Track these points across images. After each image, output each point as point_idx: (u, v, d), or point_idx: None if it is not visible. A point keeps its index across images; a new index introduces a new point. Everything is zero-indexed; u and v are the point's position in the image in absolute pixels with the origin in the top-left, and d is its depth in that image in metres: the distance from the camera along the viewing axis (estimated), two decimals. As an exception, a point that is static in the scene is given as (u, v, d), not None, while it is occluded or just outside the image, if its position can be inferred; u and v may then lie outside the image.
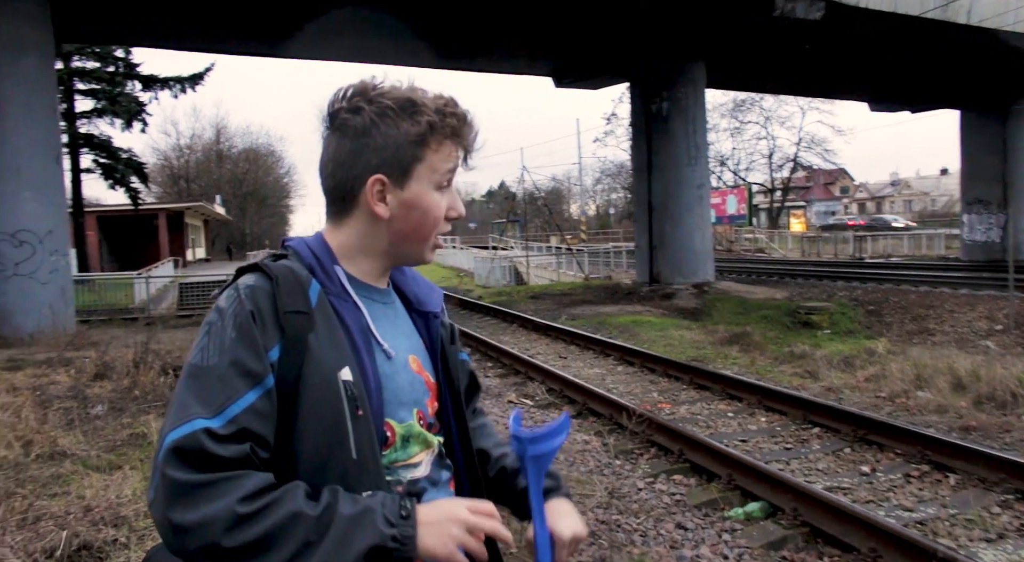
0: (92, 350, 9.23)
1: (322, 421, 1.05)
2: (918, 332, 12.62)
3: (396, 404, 1.15)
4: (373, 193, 1.15)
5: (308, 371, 1.05)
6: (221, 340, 1.03)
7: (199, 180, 60.64)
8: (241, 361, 1.01)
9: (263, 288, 1.08)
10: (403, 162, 1.14)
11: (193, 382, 1.01)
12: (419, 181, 1.15)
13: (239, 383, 1.00)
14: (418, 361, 1.23)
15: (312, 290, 1.11)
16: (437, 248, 1.24)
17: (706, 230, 18.53)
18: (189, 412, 0.98)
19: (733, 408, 7.45)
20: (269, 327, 1.05)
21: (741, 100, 50.94)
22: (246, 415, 0.99)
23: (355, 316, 1.14)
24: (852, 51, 18.44)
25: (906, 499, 4.85)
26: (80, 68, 25.88)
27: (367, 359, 1.12)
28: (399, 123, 1.13)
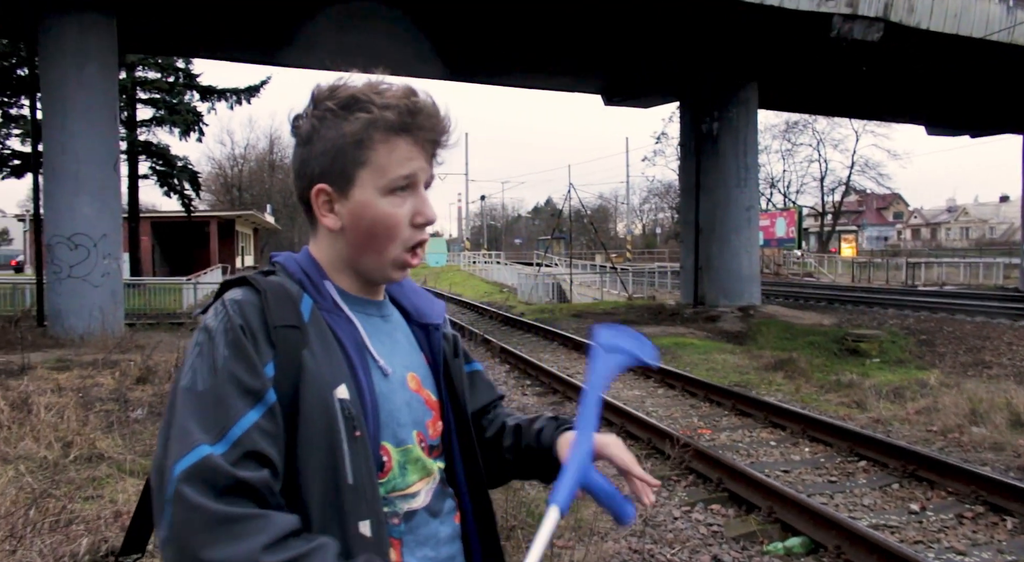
0: (137, 353, 9.40)
1: (318, 443, 0.97)
2: (973, 364, 12.16)
3: (393, 425, 1.06)
4: (319, 204, 1.07)
5: (304, 389, 0.97)
6: (213, 359, 0.95)
7: (251, 189, 61.99)
8: (238, 378, 0.93)
9: (251, 302, 1.00)
10: (344, 167, 1.04)
11: (188, 407, 0.92)
12: (363, 187, 1.04)
13: (239, 403, 0.92)
14: (417, 378, 1.13)
15: (304, 305, 1.04)
16: (406, 266, 1.10)
17: (753, 253, 18.22)
18: (192, 439, 0.89)
19: (776, 437, 7.23)
20: (261, 343, 0.97)
21: (793, 121, 50.32)
22: (250, 436, 0.91)
23: (349, 331, 1.06)
24: (910, 73, 18.01)
25: (958, 542, 4.61)
26: (142, 78, 26.66)
27: (363, 377, 1.04)
28: (339, 125, 1.03)
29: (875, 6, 13.76)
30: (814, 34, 13.99)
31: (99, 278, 12.48)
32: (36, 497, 4.13)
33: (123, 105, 24.62)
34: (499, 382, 10.21)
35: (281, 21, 14.28)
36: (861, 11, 13.64)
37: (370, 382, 1.04)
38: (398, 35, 14.14)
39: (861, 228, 66.68)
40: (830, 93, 21.02)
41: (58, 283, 12.42)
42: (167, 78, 26.74)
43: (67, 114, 12.43)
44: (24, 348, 9.70)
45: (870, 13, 13.73)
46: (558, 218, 41.33)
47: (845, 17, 13.62)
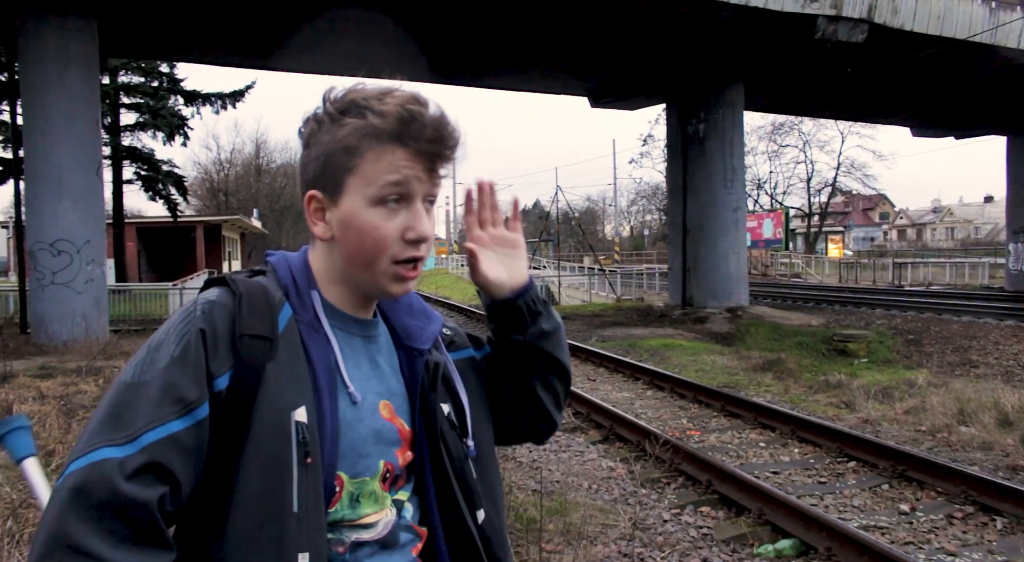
0: (122, 359, 9.29)
1: (265, 464, 0.91)
2: (960, 364, 12.21)
3: (353, 456, 1.00)
4: (311, 211, 1.02)
5: (260, 405, 0.91)
6: (158, 357, 0.90)
7: (238, 194, 61.64)
8: (174, 384, 0.88)
9: (224, 305, 0.95)
10: (334, 174, 0.99)
11: (115, 401, 0.88)
12: (352, 196, 0.99)
13: (165, 409, 0.87)
14: (390, 407, 1.06)
15: (282, 315, 0.98)
16: (404, 279, 1.03)
17: (741, 254, 18.25)
18: (97, 439, 0.85)
19: (765, 438, 7.22)
20: (222, 350, 0.92)
21: (780, 123, 50.51)
22: (161, 446, 0.85)
23: (323, 351, 1.00)
24: (895, 75, 18.11)
25: (948, 542, 4.60)
26: (126, 83, 26.46)
27: (327, 401, 0.97)
28: (333, 130, 0.99)
29: (859, 8, 13.83)
30: (799, 35, 14.05)
31: (83, 284, 12.35)
32: (15, 507, 4.04)
33: (106, 110, 24.44)
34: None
35: (267, 26, 14.21)
36: (845, 12, 13.70)
37: (334, 408, 0.98)
38: (385, 38, 14.09)
39: (848, 229, 67.05)
40: (816, 94, 21.11)
41: (41, 290, 12.27)
42: (151, 83, 26.56)
43: (48, 119, 12.30)
44: (6, 356, 9.58)
45: (854, 14, 13.79)
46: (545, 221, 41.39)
47: (829, 18, 13.68)
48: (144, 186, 27.30)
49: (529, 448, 6.92)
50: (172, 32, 14.78)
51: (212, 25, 14.24)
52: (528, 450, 6.85)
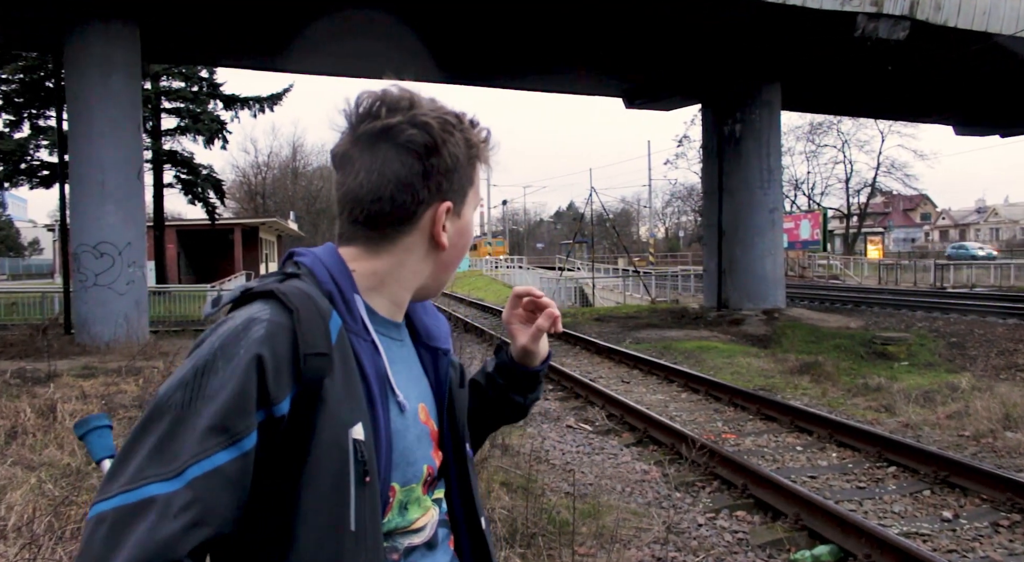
0: (161, 360, 9.47)
1: (321, 486, 0.88)
2: (1006, 367, 11.88)
3: (404, 465, 1.00)
4: (442, 222, 1.03)
5: (319, 426, 0.88)
6: (209, 383, 0.84)
7: (275, 196, 62.56)
8: (223, 414, 0.83)
9: (281, 324, 0.89)
10: (464, 185, 1.05)
11: (158, 424, 0.83)
12: (469, 206, 1.07)
13: (211, 440, 0.82)
14: (426, 409, 1.07)
15: (332, 324, 0.94)
16: None
17: (778, 255, 18.02)
18: (144, 473, 0.80)
19: (802, 442, 7.10)
20: (284, 375, 0.87)
21: (818, 123, 49.79)
22: (209, 480, 0.81)
23: (373, 360, 0.98)
24: (938, 72, 17.72)
25: (994, 551, 4.48)
26: (167, 87, 27.02)
27: (381, 413, 0.96)
28: (460, 142, 1.03)
29: (900, 4, 13.55)
30: (838, 34, 13.81)
31: (124, 286, 12.61)
32: (57, 504, 4.14)
33: (148, 115, 24.96)
34: (521, 387, 10.16)
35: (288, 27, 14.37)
36: (886, 10, 13.44)
37: (387, 419, 0.97)
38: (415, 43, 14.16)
39: (887, 230, 65.76)
40: (855, 94, 20.75)
41: (84, 291, 12.57)
42: (191, 87, 27.08)
43: (92, 124, 12.60)
44: (51, 356, 9.82)
45: (895, 11, 13.52)
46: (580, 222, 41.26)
47: (870, 16, 13.43)
48: (183, 189, 27.83)
49: (562, 450, 6.90)
50: (213, 37, 15.03)
51: (241, 28, 14.46)
52: (561, 452, 6.83)
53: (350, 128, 1.02)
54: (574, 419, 8.22)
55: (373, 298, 1.02)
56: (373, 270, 1.02)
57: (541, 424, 7.91)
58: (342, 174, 1.03)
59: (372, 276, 1.02)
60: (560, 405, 9.00)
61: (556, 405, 8.99)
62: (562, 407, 8.87)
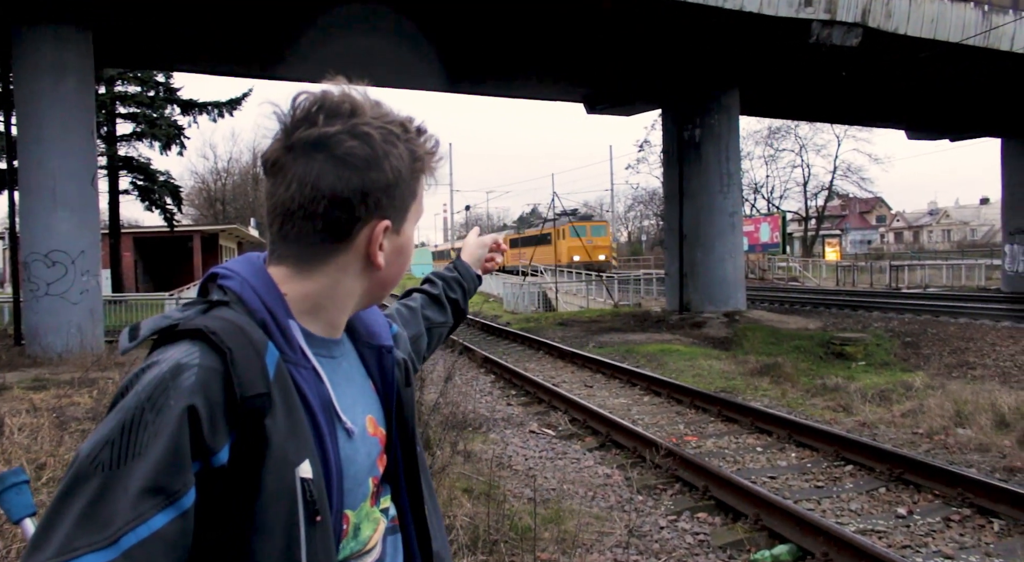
0: (116, 371, 9.25)
1: (271, 532, 0.83)
2: (957, 366, 12.18)
3: (354, 488, 0.95)
4: (379, 241, 0.94)
5: (265, 469, 0.83)
6: (138, 439, 0.77)
7: (235, 203, 61.68)
8: (157, 474, 0.77)
9: (214, 369, 0.82)
10: (405, 201, 0.95)
11: (86, 485, 0.76)
12: (410, 222, 0.98)
13: (146, 503, 0.76)
14: (373, 420, 1.02)
15: (269, 358, 0.86)
16: None
17: (738, 258, 18.25)
18: (75, 543, 0.73)
19: (762, 442, 7.19)
20: (219, 423, 0.81)
21: (776, 127, 50.61)
22: (146, 547, 0.75)
23: (316, 388, 0.92)
24: (890, 78, 18.14)
25: (946, 545, 4.58)
26: (122, 92, 26.48)
27: (330, 445, 0.90)
28: (403, 154, 0.93)
29: (853, 12, 13.85)
30: (794, 40, 14.06)
31: (77, 295, 12.30)
32: (2, 522, 4.00)
33: (102, 120, 24.45)
34: (484, 392, 10.14)
35: (262, 35, 14.22)
36: (839, 17, 13.72)
37: (336, 449, 0.91)
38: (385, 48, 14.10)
39: (844, 232, 67.11)
40: (811, 99, 21.15)
41: (35, 301, 12.22)
42: (147, 92, 26.58)
43: (43, 129, 12.27)
44: (0, 368, 9.53)
45: (848, 19, 13.81)
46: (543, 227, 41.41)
47: (824, 23, 13.70)
48: (140, 196, 27.28)
49: (525, 456, 6.89)
50: (168, 41, 14.78)
51: (210, 33, 14.24)
52: (524, 458, 6.82)
53: (283, 132, 0.93)
54: (537, 424, 8.22)
55: (310, 320, 0.95)
56: (305, 293, 0.94)
57: (504, 430, 7.90)
58: (273, 183, 0.93)
59: (305, 300, 0.94)
60: (523, 410, 8.99)
61: (519, 410, 8.98)
62: (525, 412, 8.87)
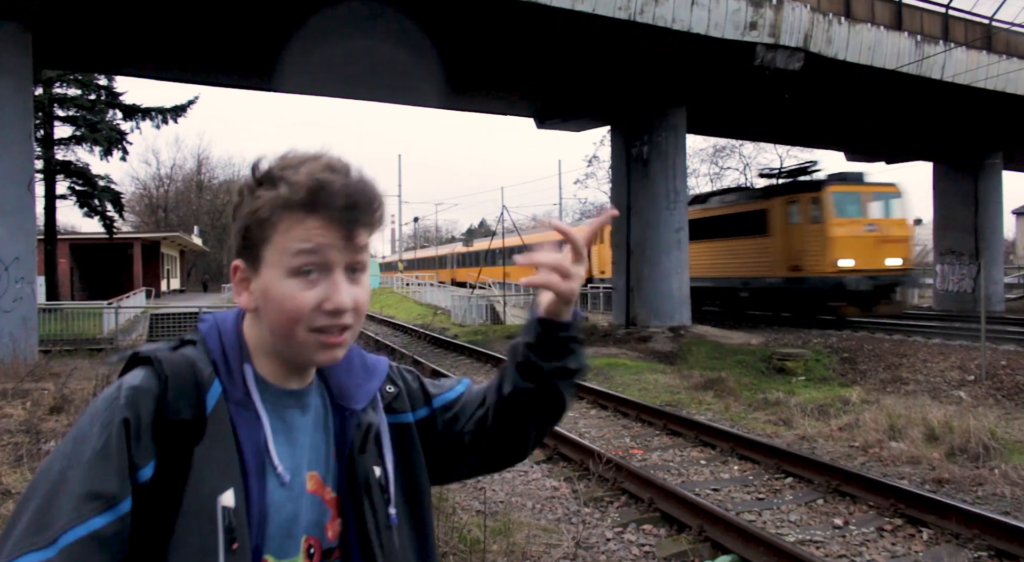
0: (52, 381, 8.97)
1: (190, 553, 0.88)
2: (892, 381, 12.62)
3: (281, 537, 0.97)
4: (236, 281, 1.00)
5: (188, 492, 0.90)
6: (82, 450, 0.87)
7: (177, 210, 60.36)
8: (95, 479, 0.86)
9: (148, 390, 0.92)
10: (254, 244, 0.97)
11: (37, 495, 0.86)
12: (269, 267, 0.97)
13: (86, 506, 0.84)
14: (317, 477, 1.03)
15: (211, 393, 0.95)
16: (331, 346, 0.98)
17: (683, 274, 18.57)
18: (21, 545, 0.82)
19: (706, 455, 7.34)
20: (145, 440, 0.90)
21: (721, 146, 51.66)
22: (83, 546, 0.83)
23: (252, 431, 0.97)
24: (830, 102, 18.79)
25: (879, 554, 4.75)
26: (61, 95, 25.76)
27: (255, 484, 0.95)
28: (250, 201, 0.97)
29: (795, 37, 14.33)
30: (739, 62, 14.48)
31: (10, 303, 11.88)
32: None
33: (39, 123, 23.73)
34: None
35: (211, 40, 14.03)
36: (783, 41, 14.18)
37: (262, 491, 0.96)
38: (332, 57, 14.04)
39: (786, 250, 68.69)
40: (756, 119, 21.73)
41: (-34, 308, 11.77)
42: (88, 95, 25.91)
43: (-23, 132, 11.87)
44: (-74, 377, 9.15)
45: (791, 43, 14.28)
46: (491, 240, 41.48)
47: (768, 46, 14.14)
48: (79, 202, 26.54)
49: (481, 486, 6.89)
50: (114, 44, 14.46)
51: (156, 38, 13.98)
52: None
53: None
54: (486, 437, 8.23)
55: (261, 363, 1.01)
56: (249, 333, 1.02)
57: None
58: None
59: (252, 339, 1.02)
60: (472, 423, 9.00)
61: (468, 423, 8.98)
62: (474, 425, 8.87)
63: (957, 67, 16.75)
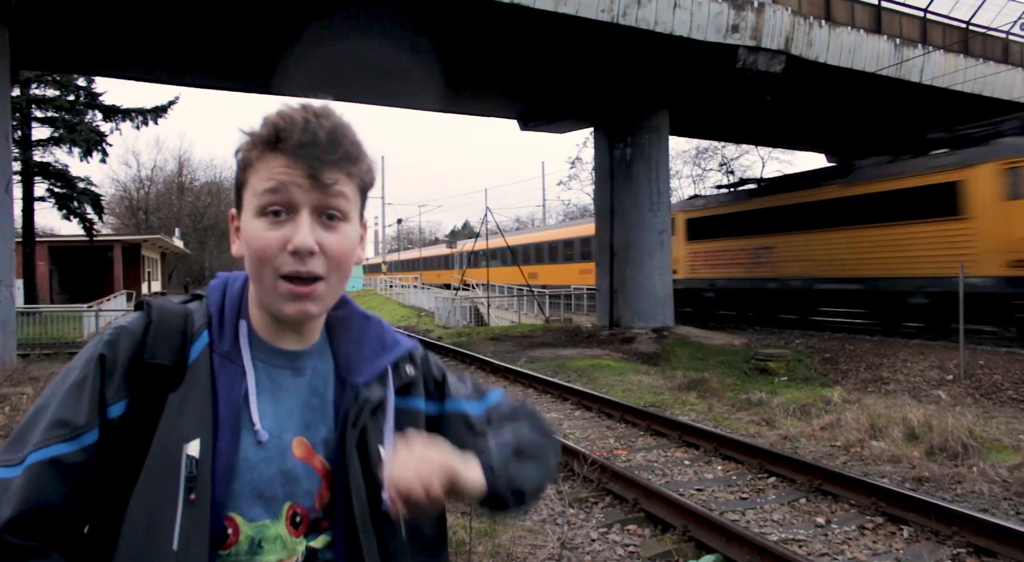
0: (30, 386, 8.87)
1: (151, 496, 0.88)
2: (872, 381, 12.74)
3: (251, 497, 0.94)
4: (232, 230, 1.04)
5: (156, 437, 0.91)
6: (65, 380, 0.94)
7: (158, 212, 59.82)
8: (65, 408, 0.91)
9: (131, 332, 0.96)
10: (237, 190, 1.01)
11: (26, 417, 0.93)
12: (245, 210, 0.98)
13: (53, 432, 0.90)
14: (306, 444, 0.99)
15: (197, 344, 0.97)
16: (296, 296, 0.96)
17: (666, 275, 18.67)
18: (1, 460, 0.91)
19: (690, 456, 7.38)
20: (117, 378, 0.93)
21: (704, 148, 51.97)
22: (44, 468, 0.88)
23: (234, 384, 0.96)
24: (811, 104, 18.95)
25: (860, 552, 4.79)
26: (39, 96, 25.46)
27: (227, 438, 0.93)
28: (239, 150, 1.00)
29: (777, 39, 14.44)
30: (721, 64, 14.58)
31: (-12, 306, 11.74)
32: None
33: (17, 123, 23.45)
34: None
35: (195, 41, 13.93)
36: (764, 44, 14.29)
37: (234, 445, 0.93)
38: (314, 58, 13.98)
39: (768, 251, 69.13)
40: (737, 121, 21.88)
41: (-58, 312, 11.62)
42: (67, 96, 25.62)
43: (-46, 133, 11.72)
44: (-98, 382, 9.02)
45: (772, 46, 14.40)
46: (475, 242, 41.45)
47: (750, 49, 14.25)
48: (58, 204, 26.23)
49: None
50: (96, 45, 14.31)
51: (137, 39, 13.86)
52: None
53: None
54: (470, 439, 8.22)
55: (256, 318, 1.03)
56: (250, 290, 1.05)
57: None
58: None
59: (250, 295, 1.05)
60: (456, 425, 8.99)
61: (452, 425, 8.97)
62: (458, 427, 8.86)
63: (935, 70, 16.96)
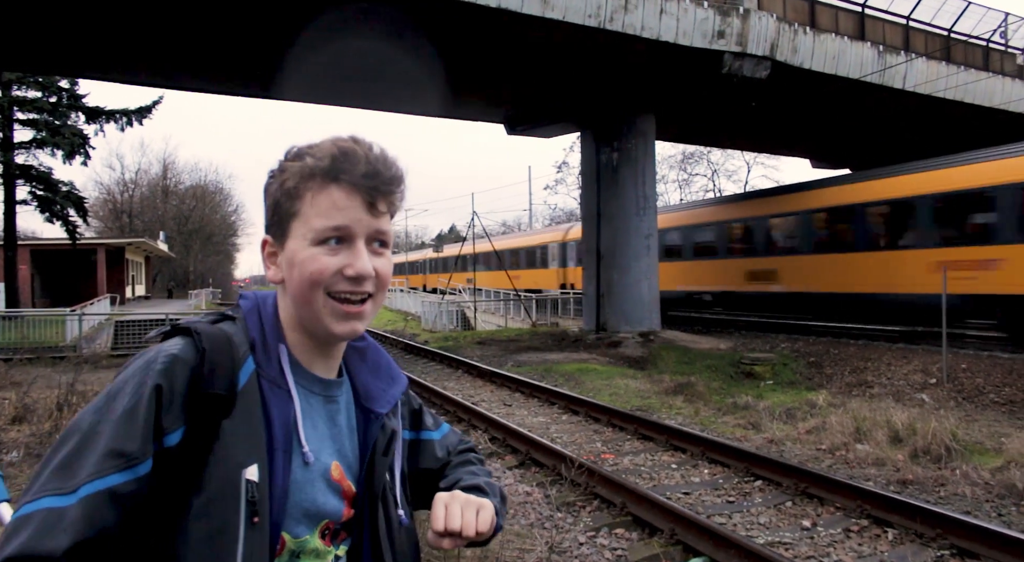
0: (12, 391, 8.78)
1: (212, 522, 0.91)
2: (857, 384, 12.83)
3: (298, 516, 1.01)
4: (266, 256, 1.07)
5: (212, 462, 0.93)
6: (113, 408, 0.92)
7: (143, 216, 59.36)
8: (120, 438, 0.90)
9: (185, 361, 0.96)
10: (281, 218, 1.04)
11: (68, 444, 0.91)
12: (295, 238, 1.03)
13: (108, 462, 0.89)
14: (340, 469, 1.08)
15: (244, 370, 0.99)
16: (348, 316, 1.03)
17: (653, 279, 18.72)
18: (47, 486, 0.87)
19: (677, 460, 7.40)
20: (175, 408, 0.93)
21: (690, 152, 52.34)
22: (100, 499, 0.87)
23: (283, 409, 1.01)
24: (796, 110, 19.10)
25: (846, 554, 4.83)
26: (20, 97, 25.25)
27: (281, 461, 0.99)
28: (280, 177, 1.04)
29: (762, 46, 14.56)
30: (707, 70, 14.67)
31: (-30, 310, 11.62)
32: None
33: (-1, 126, 23.26)
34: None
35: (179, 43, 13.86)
36: (750, 50, 14.40)
37: (287, 468, 0.99)
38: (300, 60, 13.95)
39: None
40: (723, 126, 22.01)
41: (-77, 316, 11.49)
42: (49, 98, 25.42)
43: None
44: None
45: (758, 52, 14.51)
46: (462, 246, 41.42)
47: (735, 55, 14.35)
48: (40, 207, 26.01)
49: (445, 474, 6.87)
50: (78, 46, 14.22)
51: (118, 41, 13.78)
52: (444, 476, 6.81)
53: None
54: (457, 443, 8.21)
55: (292, 340, 1.06)
56: (283, 311, 1.08)
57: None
58: None
59: (284, 316, 1.08)
60: (443, 429, 8.97)
61: (439, 429, 8.96)
62: (445, 431, 8.85)
63: (918, 77, 17.14)
